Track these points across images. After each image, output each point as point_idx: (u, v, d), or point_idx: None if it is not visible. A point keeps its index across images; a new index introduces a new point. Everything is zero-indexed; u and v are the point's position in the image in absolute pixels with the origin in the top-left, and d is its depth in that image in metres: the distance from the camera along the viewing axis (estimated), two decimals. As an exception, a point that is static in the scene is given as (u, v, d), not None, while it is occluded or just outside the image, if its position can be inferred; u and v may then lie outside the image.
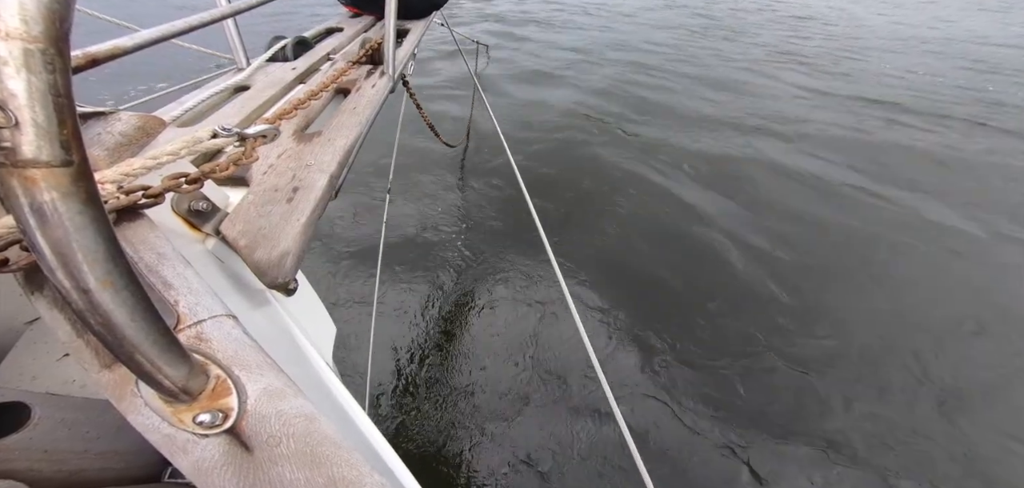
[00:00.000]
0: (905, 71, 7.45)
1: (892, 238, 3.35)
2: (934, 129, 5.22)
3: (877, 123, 5.33)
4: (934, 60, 8.21)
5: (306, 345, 0.72)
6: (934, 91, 6.50)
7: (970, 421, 2.16)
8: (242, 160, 0.66)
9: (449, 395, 2.23)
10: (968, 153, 4.69)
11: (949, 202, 3.81)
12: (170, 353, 0.36)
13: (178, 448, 0.38)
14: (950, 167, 4.42)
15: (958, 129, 5.24)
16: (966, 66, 7.85)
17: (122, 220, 0.51)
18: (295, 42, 1.44)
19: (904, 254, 3.22)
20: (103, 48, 0.55)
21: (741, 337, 2.54)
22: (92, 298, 0.29)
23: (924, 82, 6.92)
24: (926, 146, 4.80)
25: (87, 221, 0.27)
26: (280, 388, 0.43)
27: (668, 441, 2.06)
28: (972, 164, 4.48)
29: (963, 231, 3.47)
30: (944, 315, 2.73)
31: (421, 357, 2.41)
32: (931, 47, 9.21)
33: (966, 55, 8.60)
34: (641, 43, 8.51)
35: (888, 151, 4.66)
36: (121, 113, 0.67)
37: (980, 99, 6.24)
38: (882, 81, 6.86)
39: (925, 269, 3.09)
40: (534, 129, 4.93)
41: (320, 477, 0.38)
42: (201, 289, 0.47)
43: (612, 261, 3.08)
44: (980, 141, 4.97)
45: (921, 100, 6.09)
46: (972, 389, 2.31)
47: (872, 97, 6.11)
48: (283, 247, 0.71)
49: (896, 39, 9.78)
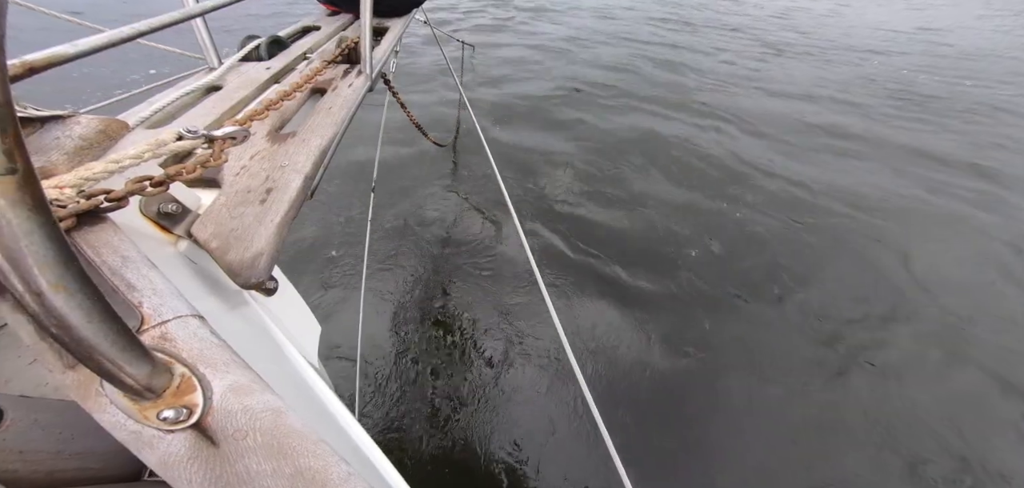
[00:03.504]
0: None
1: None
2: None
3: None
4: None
5: (285, 343, 0.72)
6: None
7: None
8: (210, 162, 0.66)
9: (437, 390, 2.24)
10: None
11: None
12: (130, 352, 0.37)
13: (144, 444, 0.38)
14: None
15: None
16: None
17: (83, 224, 0.51)
18: (269, 41, 1.43)
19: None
20: (40, 56, 0.54)
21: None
22: (45, 301, 0.30)
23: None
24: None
25: (35, 226, 0.28)
26: (246, 384, 0.44)
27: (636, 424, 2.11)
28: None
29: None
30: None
31: (409, 353, 2.41)
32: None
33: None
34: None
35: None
36: (81, 117, 0.66)
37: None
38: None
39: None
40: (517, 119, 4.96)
41: (287, 467, 0.39)
42: (166, 290, 0.48)
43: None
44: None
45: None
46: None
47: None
48: (256, 248, 0.71)
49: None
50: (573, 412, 2.14)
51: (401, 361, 2.37)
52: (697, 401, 2.24)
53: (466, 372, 2.33)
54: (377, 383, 2.26)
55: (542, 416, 2.13)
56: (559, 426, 2.09)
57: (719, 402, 2.24)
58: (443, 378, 2.30)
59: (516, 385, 2.26)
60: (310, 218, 3.24)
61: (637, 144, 4.53)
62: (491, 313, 2.64)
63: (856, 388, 2.31)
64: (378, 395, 2.21)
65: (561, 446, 2.02)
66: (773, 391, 2.27)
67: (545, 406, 2.17)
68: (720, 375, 2.35)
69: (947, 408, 2.23)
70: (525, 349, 2.43)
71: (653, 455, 2.02)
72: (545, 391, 2.24)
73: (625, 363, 2.38)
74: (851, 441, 2.09)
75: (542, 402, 2.19)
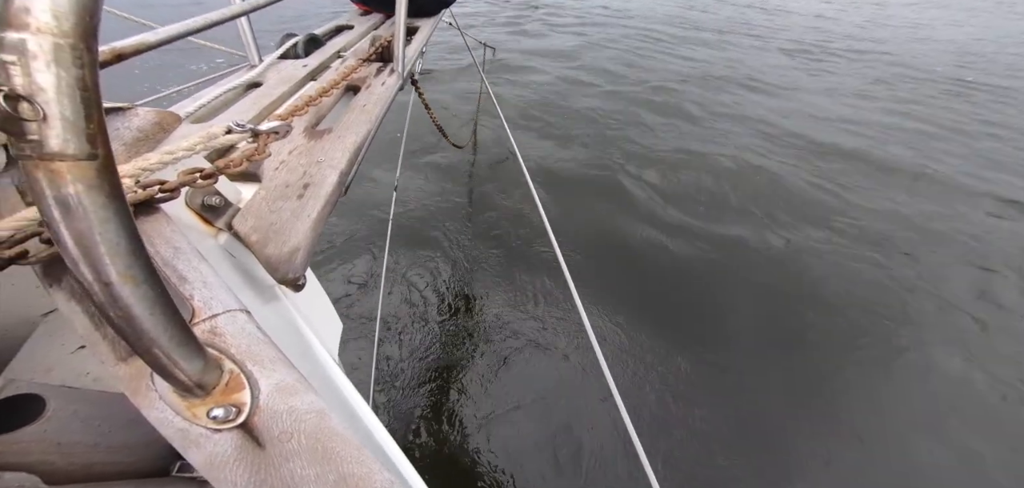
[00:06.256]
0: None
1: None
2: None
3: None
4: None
5: (313, 341, 0.72)
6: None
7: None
8: (255, 156, 0.67)
9: (453, 393, 2.23)
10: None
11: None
12: (186, 347, 0.36)
13: (191, 442, 0.38)
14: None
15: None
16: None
17: (139, 214, 0.51)
18: (306, 39, 1.45)
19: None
20: (128, 43, 0.56)
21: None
22: (113, 291, 0.30)
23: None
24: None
25: (111, 215, 0.28)
26: (292, 384, 0.43)
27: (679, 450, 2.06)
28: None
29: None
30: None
31: (425, 353, 2.41)
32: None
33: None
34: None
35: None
36: (139, 108, 0.67)
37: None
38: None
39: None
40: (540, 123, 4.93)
41: (331, 473, 0.38)
42: (215, 283, 0.48)
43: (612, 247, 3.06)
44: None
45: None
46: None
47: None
48: (294, 243, 0.71)
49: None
50: (606, 424, 2.08)
51: (416, 361, 2.37)
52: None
53: (485, 374, 2.31)
54: (392, 383, 2.26)
55: (566, 424, 2.09)
56: (586, 440, 2.05)
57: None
58: (460, 382, 2.29)
59: (537, 390, 2.23)
60: (336, 213, 3.29)
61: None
62: (514, 317, 2.63)
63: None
64: (393, 395, 2.21)
65: (591, 457, 1.97)
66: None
67: (570, 413, 2.13)
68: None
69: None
70: (548, 345, 2.40)
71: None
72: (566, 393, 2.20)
73: (662, 383, 2.31)
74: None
75: (566, 410, 2.15)
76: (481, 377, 2.30)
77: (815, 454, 2.05)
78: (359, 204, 3.45)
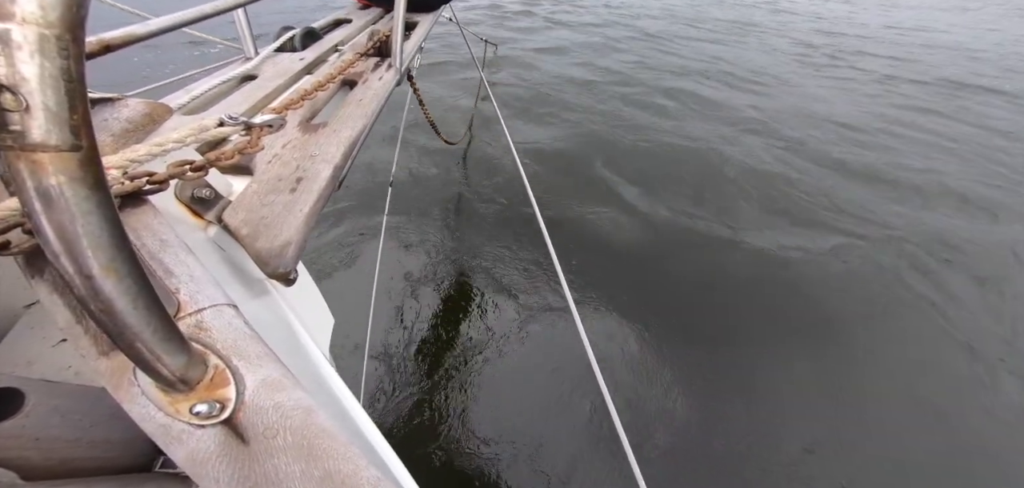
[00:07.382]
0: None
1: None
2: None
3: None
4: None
5: (304, 336, 0.72)
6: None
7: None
8: (247, 149, 0.66)
9: (445, 389, 2.23)
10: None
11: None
12: (170, 342, 0.36)
13: (173, 438, 0.37)
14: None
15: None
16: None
17: (126, 206, 0.50)
18: (303, 33, 1.44)
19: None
20: (117, 35, 0.55)
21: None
22: (94, 284, 0.29)
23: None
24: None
25: (93, 206, 0.27)
26: (278, 379, 0.43)
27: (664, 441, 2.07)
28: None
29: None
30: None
31: (418, 349, 2.41)
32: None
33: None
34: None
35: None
36: (128, 99, 0.66)
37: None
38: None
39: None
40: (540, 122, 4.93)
41: (317, 470, 0.38)
42: (203, 277, 0.47)
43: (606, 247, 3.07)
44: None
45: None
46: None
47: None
48: (285, 237, 0.70)
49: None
50: (593, 424, 2.10)
51: (409, 357, 2.37)
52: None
53: (478, 371, 2.31)
54: (384, 379, 2.26)
55: (558, 426, 2.10)
56: (579, 443, 2.06)
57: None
58: (452, 378, 2.28)
59: (529, 389, 2.24)
60: (330, 208, 3.27)
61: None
62: (505, 313, 2.63)
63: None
64: (384, 391, 2.21)
65: (578, 454, 1.98)
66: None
67: (561, 417, 2.14)
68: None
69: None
70: (541, 353, 2.40)
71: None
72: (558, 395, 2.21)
73: (655, 385, 2.32)
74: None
75: (557, 408, 2.16)
76: (474, 374, 2.30)
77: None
78: (353, 198, 3.43)
